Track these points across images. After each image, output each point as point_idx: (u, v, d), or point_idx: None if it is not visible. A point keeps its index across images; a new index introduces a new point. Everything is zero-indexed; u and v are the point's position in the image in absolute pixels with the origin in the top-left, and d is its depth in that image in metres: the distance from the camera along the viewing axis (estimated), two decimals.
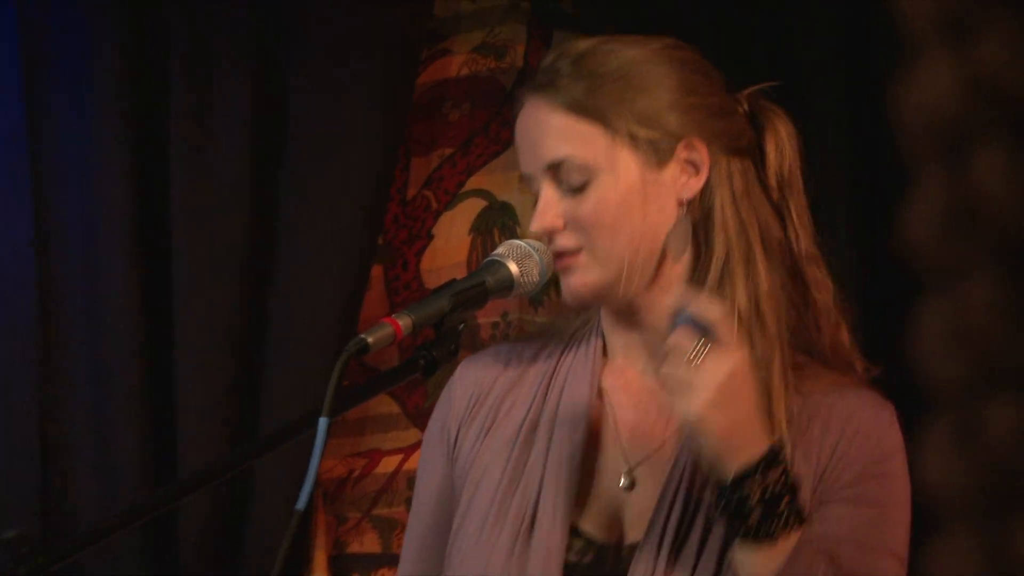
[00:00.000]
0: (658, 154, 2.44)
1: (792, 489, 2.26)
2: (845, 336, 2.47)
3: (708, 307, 2.27)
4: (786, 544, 2.27)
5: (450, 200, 3.89)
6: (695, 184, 2.44)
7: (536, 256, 2.47)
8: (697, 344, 2.23)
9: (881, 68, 3.14)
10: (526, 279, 2.47)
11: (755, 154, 2.52)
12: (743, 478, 2.25)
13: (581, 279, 2.44)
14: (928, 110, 0.89)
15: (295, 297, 3.76)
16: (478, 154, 3.84)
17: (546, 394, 2.58)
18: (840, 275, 2.95)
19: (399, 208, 3.88)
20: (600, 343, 2.57)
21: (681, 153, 2.44)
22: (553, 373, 2.59)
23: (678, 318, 2.28)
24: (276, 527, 3.66)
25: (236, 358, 3.75)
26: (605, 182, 2.43)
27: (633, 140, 2.44)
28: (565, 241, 2.44)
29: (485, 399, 2.63)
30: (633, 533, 2.45)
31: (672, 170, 2.45)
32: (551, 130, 2.46)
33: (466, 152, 3.88)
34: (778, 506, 2.26)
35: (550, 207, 2.43)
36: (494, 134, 3.84)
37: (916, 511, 2.81)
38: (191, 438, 3.77)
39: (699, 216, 2.47)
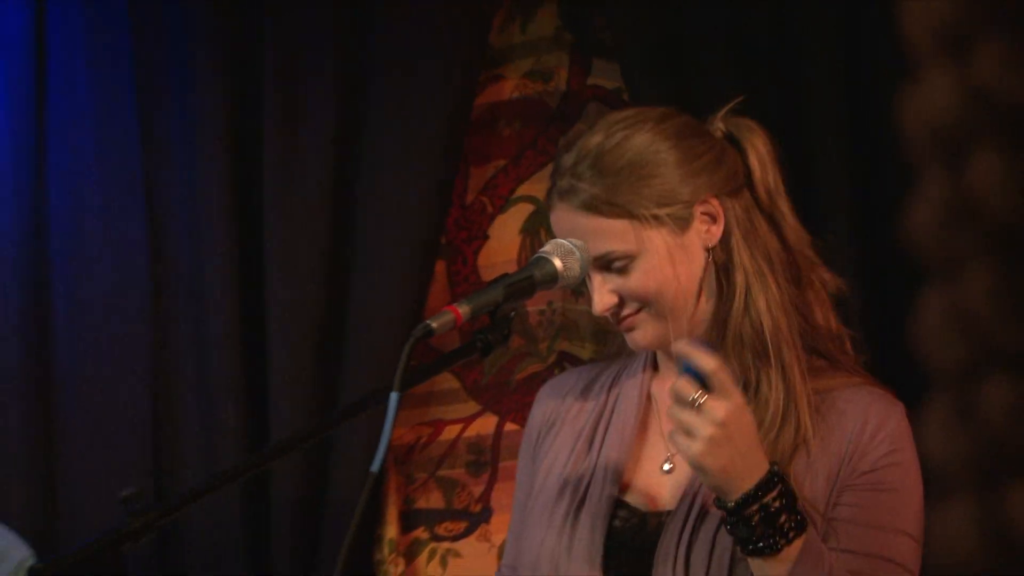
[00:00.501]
0: (680, 222, 2.51)
1: (790, 505, 2.29)
2: (837, 324, 2.58)
3: (704, 360, 2.28)
4: (791, 551, 2.29)
5: (503, 204, 3.89)
6: (716, 231, 2.52)
7: (577, 254, 2.52)
8: (695, 393, 2.26)
9: (884, 79, 3.21)
10: (568, 273, 2.50)
11: (745, 178, 2.57)
12: (742, 503, 2.28)
13: (643, 335, 2.53)
14: (929, 116, 0.89)
15: (371, 288, 3.76)
16: (527, 165, 3.85)
17: (606, 402, 2.67)
18: (844, 269, 2.96)
19: (459, 211, 3.89)
20: (651, 361, 2.63)
21: (699, 212, 2.51)
22: (611, 385, 2.68)
23: (681, 367, 2.32)
24: (354, 487, 3.65)
25: (320, 340, 3.76)
26: (643, 261, 2.50)
27: (657, 220, 2.50)
28: (624, 311, 2.52)
29: (558, 410, 2.71)
30: (669, 504, 2.51)
31: (695, 228, 2.52)
32: (586, 232, 2.51)
33: (517, 163, 3.87)
34: (777, 521, 2.28)
35: (603, 291, 2.49)
36: (541, 147, 3.84)
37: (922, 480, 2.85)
38: (281, 409, 3.77)
39: (722, 256, 2.53)
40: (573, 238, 2.49)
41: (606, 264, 2.48)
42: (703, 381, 2.28)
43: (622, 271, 2.48)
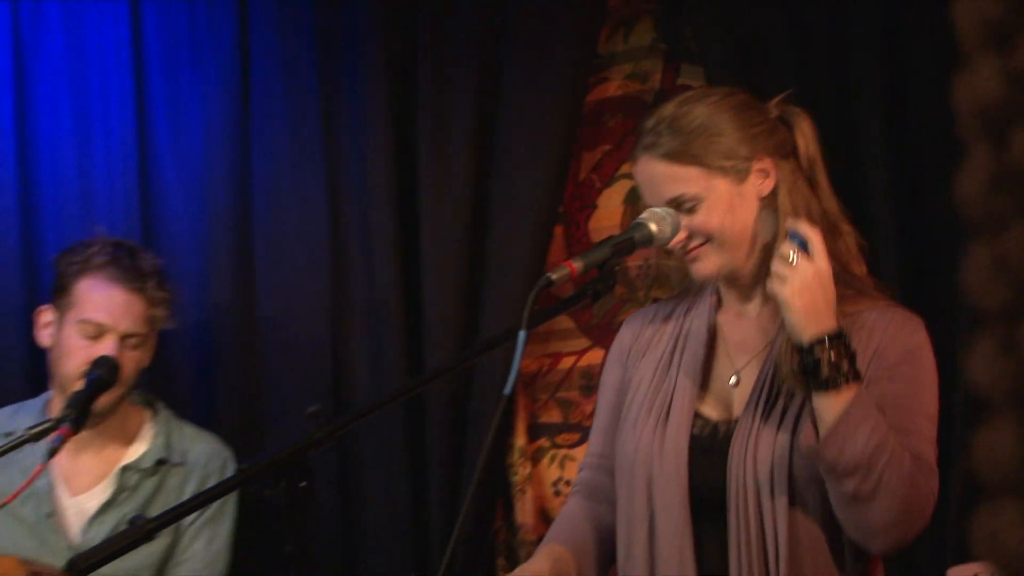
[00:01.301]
0: (740, 174, 2.55)
1: (851, 357, 2.36)
2: (863, 267, 2.62)
3: (808, 231, 2.40)
4: (847, 394, 2.34)
5: (608, 180, 3.86)
6: (768, 184, 2.56)
7: (669, 219, 2.56)
8: (794, 253, 2.37)
9: (924, 72, 3.26)
10: (661, 235, 2.54)
11: (792, 149, 2.61)
12: (814, 345, 2.34)
13: (704, 265, 2.56)
14: (977, 99, 0.85)
15: (504, 247, 3.74)
16: (627, 149, 3.74)
17: (680, 329, 2.68)
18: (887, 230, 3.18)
19: (574, 186, 3.85)
20: (716, 296, 2.64)
21: (755, 167, 2.55)
22: (685, 316, 2.70)
23: (790, 235, 2.43)
24: (490, 406, 3.62)
25: (463, 289, 3.75)
26: (708, 203, 2.53)
27: (722, 170, 2.54)
28: (691, 244, 2.54)
29: (640, 336, 2.74)
30: (736, 412, 2.52)
31: (751, 181, 2.55)
32: (664, 177, 2.56)
33: (619, 148, 3.83)
34: (840, 365, 2.34)
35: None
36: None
37: (970, 405, 2.91)
38: (432, 344, 3.76)
39: (771, 205, 2.54)
40: (652, 184, 2.57)
41: (678, 204, 2.52)
42: (803, 246, 2.39)
43: (691, 211, 2.52)
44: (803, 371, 2.37)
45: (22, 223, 3.92)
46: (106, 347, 3.28)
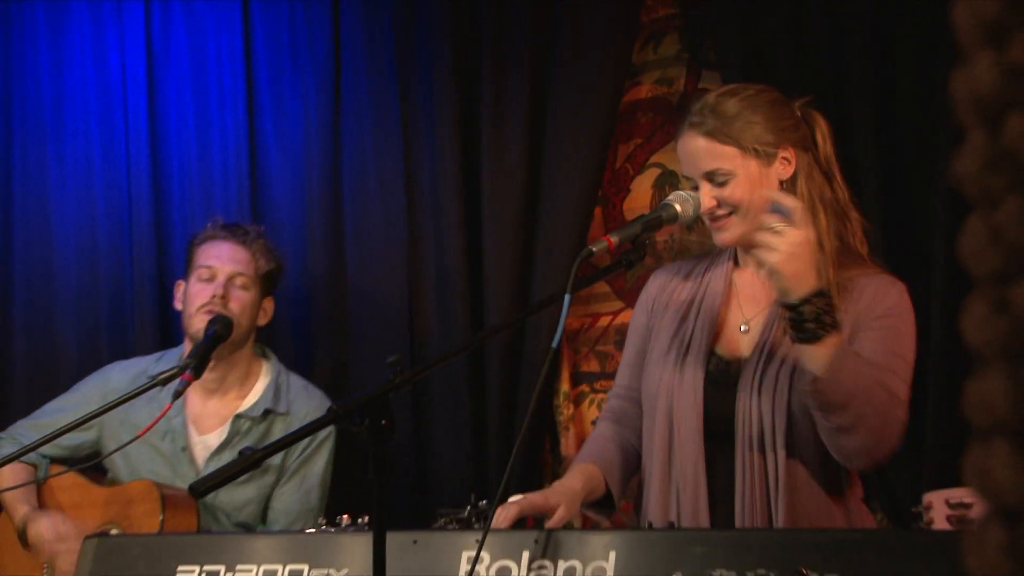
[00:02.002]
0: (767, 158, 2.51)
1: (831, 309, 2.34)
2: (865, 247, 2.59)
3: (790, 201, 2.36)
4: (830, 343, 2.32)
5: (640, 168, 3.81)
6: (789, 170, 2.53)
7: (692, 201, 2.54)
8: (779, 222, 2.32)
9: (922, 75, 3.26)
10: (684, 215, 2.51)
11: (813, 144, 2.58)
12: (801, 302, 2.30)
13: (728, 234, 2.52)
14: (975, 90, 0.80)
15: (552, 223, 3.72)
16: (657, 142, 3.81)
17: (700, 283, 2.65)
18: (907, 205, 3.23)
19: (611, 173, 3.82)
20: (733, 258, 2.62)
21: (780, 154, 2.51)
22: (704, 273, 2.68)
23: (772, 206, 2.37)
24: (540, 357, 3.62)
25: (518, 259, 3.73)
26: (738, 179, 2.50)
27: (755, 152, 2.49)
28: (719, 212, 2.50)
29: (665, 289, 2.71)
30: (745, 353, 2.55)
31: (775, 166, 2.51)
32: (705, 151, 2.52)
33: (650, 141, 3.80)
34: (822, 318, 2.31)
35: (708, 196, 2.50)
36: (666, 131, 3.76)
37: (967, 360, 2.87)
38: (491, 305, 3.74)
39: (790, 189, 2.49)
40: (694, 157, 2.52)
41: (712, 177, 2.49)
42: (787, 215, 2.33)
43: (722, 184, 2.48)
44: (792, 326, 2.34)
45: (154, 205, 3.94)
46: (217, 284, 3.37)
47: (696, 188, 2.51)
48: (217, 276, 3.38)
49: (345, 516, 2.47)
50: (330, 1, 3.88)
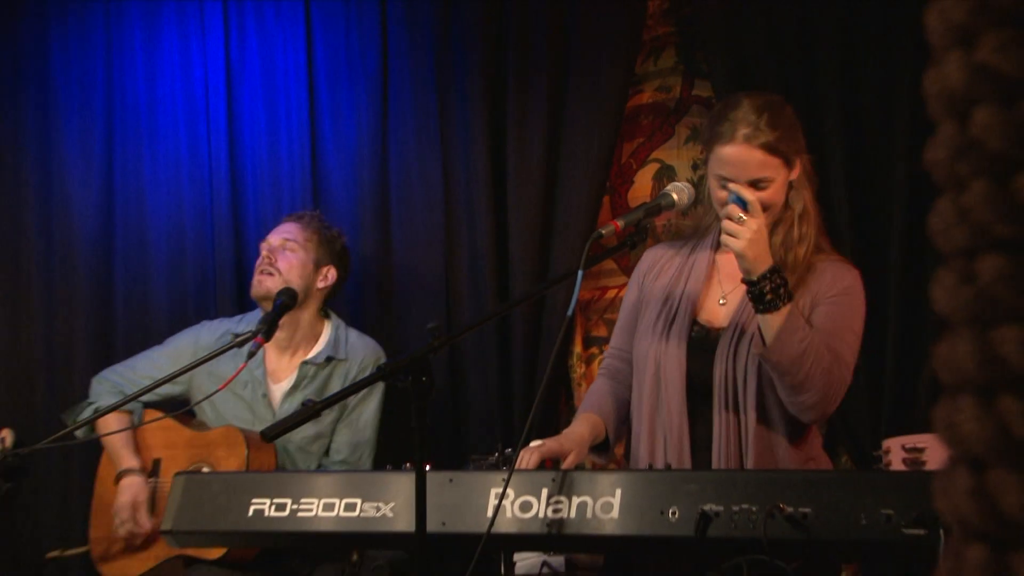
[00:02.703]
0: (792, 165, 2.46)
1: (784, 284, 2.34)
2: (828, 239, 2.60)
3: (747, 194, 2.34)
4: (783, 311, 2.33)
5: (642, 163, 3.76)
6: (797, 172, 2.50)
7: (687, 191, 2.51)
8: (740, 213, 2.32)
9: (898, 74, 3.22)
10: (680, 203, 2.47)
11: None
12: (760, 279, 2.31)
13: (748, 229, 2.38)
14: (945, 86, 0.76)
15: (567, 211, 3.68)
16: (656, 141, 3.77)
17: (686, 261, 2.59)
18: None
19: (617, 167, 3.77)
20: (716, 241, 2.57)
21: (797, 160, 2.48)
22: (690, 253, 2.60)
23: (731, 197, 2.35)
24: (557, 324, 3.61)
25: (538, 240, 3.69)
26: (776, 184, 2.45)
27: (790, 161, 2.44)
28: (751, 214, 2.40)
29: (655, 265, 2.64)
30: (723, 323, 2.52)
31: (793, 169, 2.47)
32: (757, 162, 2.42)
33: (651, 140, 3.75)
34: (778, 291, 2.32)
35: (750, 196, 2.38)
36: (665, 131, 3.73)
37: (937, 324, 2.87)
38: (516, 280, 3.71)
39: (796, 187, 2.51)
40: (745, 165, 2.41)
41: (756, 183, 2.41)
42: (745, 207, 2.32)
43: (762, 189, 2.41)
44: (752, 299, 2.35)
45: (231, 194, 3.94)
46: (267, 249, 3.45)
47: (724, 188, 2.43)
48: (275, 248, 3.44)
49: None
50: (379, 22, 3.85)
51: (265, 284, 3.36)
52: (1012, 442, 0.73)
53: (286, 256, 3.41)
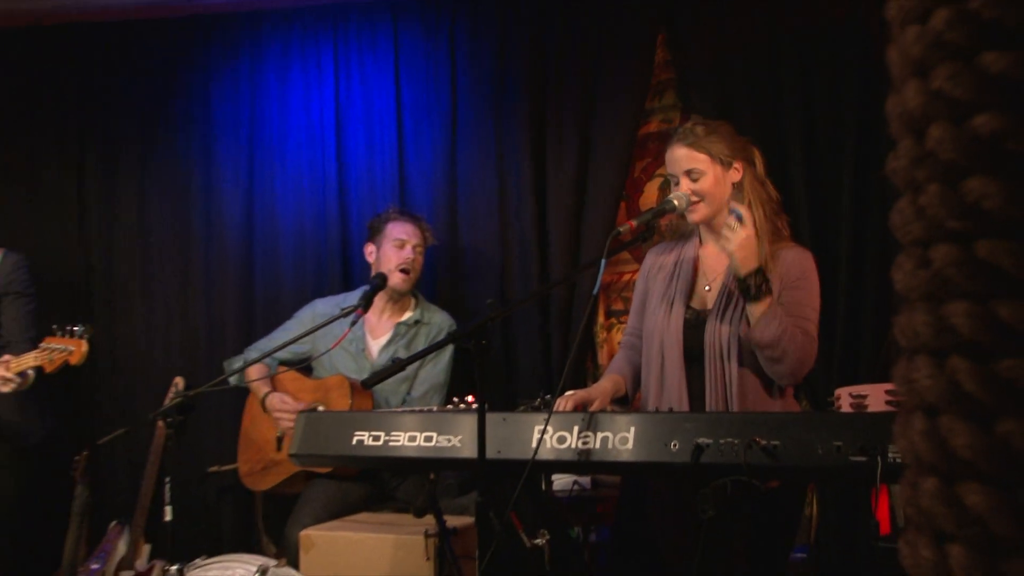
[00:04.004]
0: (726, 166, 2.38)
1: (766, 280, 2.31)
2: (788, 230, 2.51)
3: (743, 209, 2.33)
4: (765, 302, 2.29)
5: (650, 177, 3.70)
6: (738, 176, 2.40)
7: (684, 198, 2.48)
8: (735, 223, 2.29)
9: (862, 93, 3.20)
10: (680, 207, 2.42)
11: (752, 163, 2.48)
12: (747, 276, 2.28)
13: (698, 215, 2.45)
14: (904, 109, 0.70)
15: (592, 212, 3.61)
16: (661, 160, 3.65)
17: (678, 259, 2.52)
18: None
19: (631, 180, 3.70)
20: (699, 239, 2.51)
21: (734, 165, 2.38)
22: (682, 250, 2.54)
23: (730, 211, 2.33)
24: (585, 300, 3.53)
25: (571, 235, 3.63)
26: (706, 177, 2.39)
27: (720, 160, 2.37)
28: (693, 199, 2.40)
29: (656, 262, 2.58)
30: (709, 306, 2.41)
31: (731, 171, 2.38)
32: (686, 157, 2.40)
33: (656, 159, 3.68)
34: (761, 288, 2.29)
35: (686, 187, 2.39)
36: (667, 153, 3.68)
37: (863, 304, 3.15)
38: (553, 267, 3.64)
39: (739, 189, 2.40)
40: (678, 160, 2.42)
41: (689, 174, 2.40)
42: (739, 219, 2.29)
43: (696, 180, 2.40)
44: (741, 292, 2.33)
45: (339, 204, 3.91)
46: (406, 252, 3.41)
47: (678, 184, 2.44)
48: (406, 246, 3.41)
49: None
50: (449, 71, 3.79)
51: (408, 280, 3.39)
52: (960, 393, 0.68)
53: (417, 258, 3.43)
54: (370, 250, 3.49)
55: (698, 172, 2.41)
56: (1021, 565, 0.66)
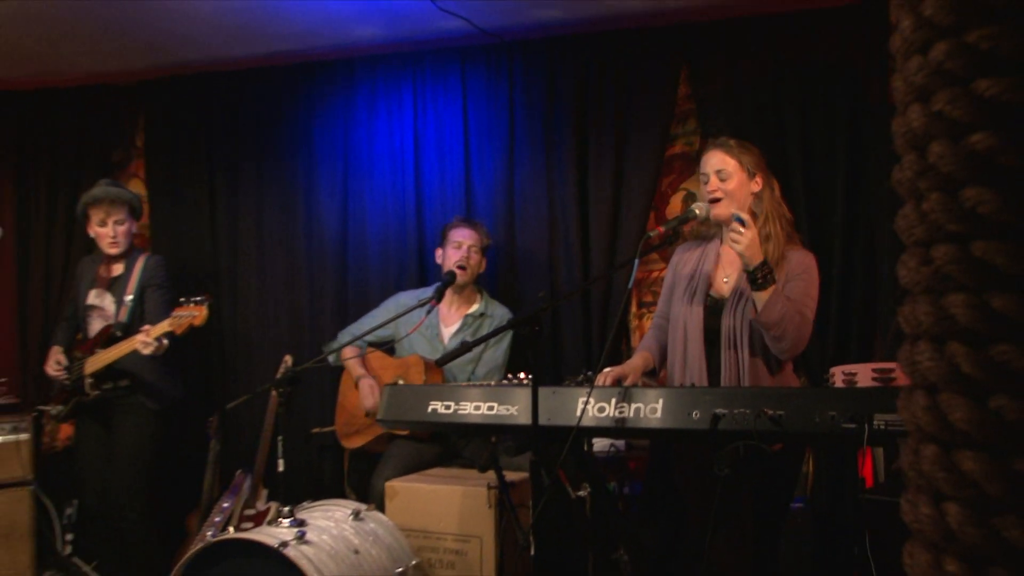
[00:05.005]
0: (750, 175, 2.34)
1: (770, 272, 2.26)
2: (796, 235, 2.47)
3: (744, 215, 2.28)
4: (769, 290, 2.25)
5: (675, 191, 3.63)
6: (757, 187, 2.35)
7: (705, 207, 2.43)
8: (740, 226, 2.25)
9: (852, 119, 3.16)
10: (701, 215, 2.37)
11: (770, 176, 2.43)
12: (755, 269, 2.23)
13: (720, 209, 2.38)
14: (908, 128, 0.67)
15: (627, 220, 3.56)
16: (685, 177, 3.63)
17: (701, 254, 2.47)
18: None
19: (659, 193, 3.63)
20: (720, 238, 2.46)
21: (756, 177, 2.33)
22: (705, 248, 2.48)
23: (735, 216, 2.28)
24: (621, 293, 3.48)
25: (608, 238, 3.57)
26: (733, 179, 2.33)
27: (746, 170, 2.34)
28: (718, 196, 2.34)
29: (681, 258, 2.54)
30: (726, 294, 2.37)
31: (752, 182, 2.34)
32: (720, 159, 2.36)
33: (681, 176, 3.61)
34: (767, 278, 2.25)
35: (715, 185, 2.33)
36: (690, 171, 3.59)
37: (853, 295, 3.04)
38: (594, 264, 3.60)
39: (758, 197, 2.35)
40: (712, 161, 2.39)
41: (718, 172, 2.37)
42: (742, 223, 2.25)
43: (723, 180, 2.36)
44: (748, 281, 2.29)
45: (416, 214, 3.90)
46: (463, 251, 3.38)
47: (707, 182, 2.41)
48: (463, 246, 3.39)
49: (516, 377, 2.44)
50: (508, 101, 3.77)
51: (464, 274, 3.37)
52: (958, 374, 0.65)
53: (473, 256, 3.40)
54: (439, 253, 3.51)
55: (726, 173, 2.40)
56: (1009, 521, 0.63)
